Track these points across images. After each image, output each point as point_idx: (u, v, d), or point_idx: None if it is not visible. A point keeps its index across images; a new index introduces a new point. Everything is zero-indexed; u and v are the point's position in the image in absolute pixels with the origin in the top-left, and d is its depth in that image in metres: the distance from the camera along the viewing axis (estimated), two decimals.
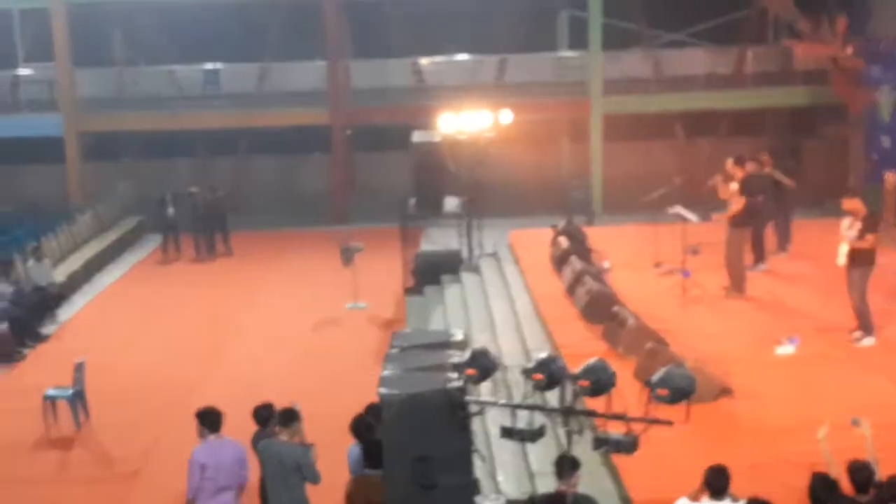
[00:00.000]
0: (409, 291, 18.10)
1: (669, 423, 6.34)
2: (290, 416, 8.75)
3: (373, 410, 8.40)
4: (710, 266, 14.93)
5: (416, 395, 7.02)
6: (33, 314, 17.72)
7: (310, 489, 8.72)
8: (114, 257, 23.41)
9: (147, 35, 28.06)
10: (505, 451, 9.93)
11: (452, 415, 6.98)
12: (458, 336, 8.25)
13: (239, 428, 9.41)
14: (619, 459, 8.44)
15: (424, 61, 28.01)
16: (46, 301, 18.59)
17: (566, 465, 7.15)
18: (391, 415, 7.05)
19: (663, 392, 6.29)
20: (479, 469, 8.05)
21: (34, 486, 11.86)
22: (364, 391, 8.42)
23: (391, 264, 19.08)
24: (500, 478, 9.65)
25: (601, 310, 12.93)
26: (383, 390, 7.09)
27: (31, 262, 19.05)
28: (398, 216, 18.86)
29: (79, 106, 25.91)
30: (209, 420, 8.86)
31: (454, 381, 6.99)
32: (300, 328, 17.58)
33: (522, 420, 6.77)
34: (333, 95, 26.04)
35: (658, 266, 15.57)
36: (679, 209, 14.83)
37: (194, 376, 15.21)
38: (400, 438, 7.08)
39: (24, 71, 26.71)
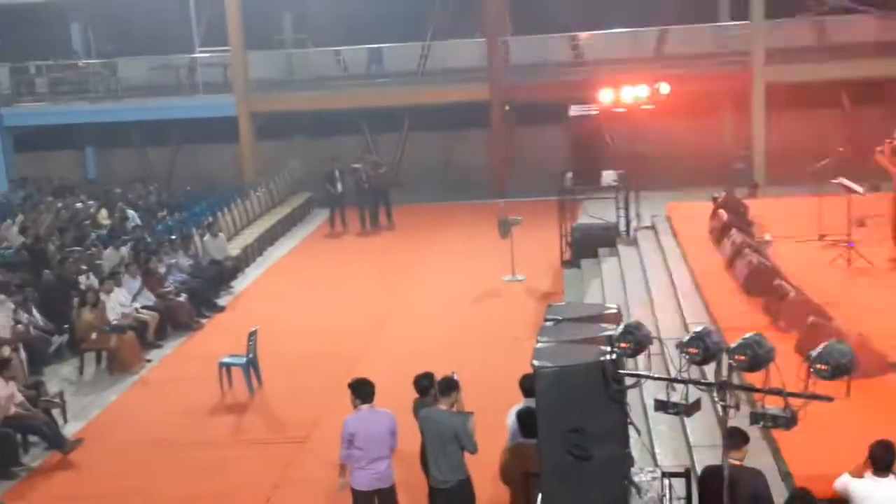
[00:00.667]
0: (566, 264, 18.21)
1: (830, 399, 6.25)
2: (449, 386, 8.99)
3: (527, 382, 8.57)
4: (876, 238, 14.49)
5: (569, 367, 7.09)
6: (210, 286, 18.63)
7: (467, 457, 8.98)
8: (284, 231, 24.32)
9: (314, 17, 28.86)
10: (663, 423, 9.96)
11: (606, 387, 7.03)
12: (613, 309, 8.28)
13: (401, 396, 9.78)
14: (779, 434, 8.35)
15: (583, 35, 27.87)
16: (222, 273, 19.52)
17: (735, 439, 7.20)
18: (544, 386, 7.17)
19: (823, 367, 6.20)
20: (635, 442, 8.10)
21: (211, 448, 12.56)
22: (520, 362, 8.61)
23: (548, 237, 19.21)
24: (657, 450, 9.71)
25: (762, 283, 12.73)
26: (537, 362, 7.21)
27: (207, 237, 20.01)
28: (556, 189, 18.97)
29: (251, 87, 26.90)
30: (361, 391, 9.13)
31: (607, 354, 7.06)
32: (459, 300, 17.91)
33: (678, 394, 6.81)
34: (493, 71, 26.24)
35: (822, 238, 15.19)
36: (844, 180, 14.42)
37: (360, 345, 15.76)
38: (554, 410, 7.11)
39: (200, 55, 27.86)
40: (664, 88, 18.22)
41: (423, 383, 9.53)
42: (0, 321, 14.73)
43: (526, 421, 8.34)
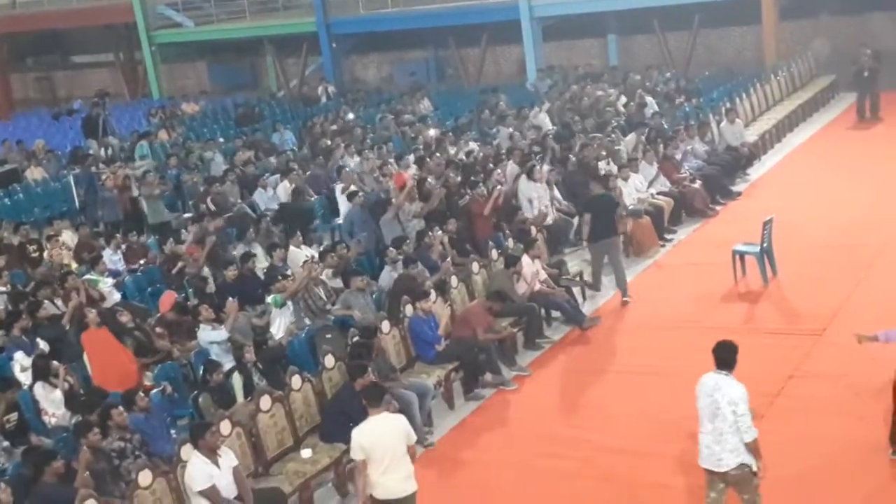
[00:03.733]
0: None
1: None
2: None
3: None
4: None
5: None
6: (725, 173, 18.44)
7: None
8: (805, 116, 23.30)
9: None
10: None
11: None
12: None
13: None
14: None
15: None
16: (738, 160, 19.22)
17: None
18: None
19: None
20: None
21: (723, 334, 12.35)
22: None
23: None
24: None
25: None
26: None
27: (724, 123, 19.74)
28: None
29: None
30: None
31: None
32: None
33: None
34: None
35: None
36: None
37: (883, 239, 14.83)
38: None
39: None
40: None
41: None
42: (541, 197, 15.74)
43: None
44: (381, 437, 8.16)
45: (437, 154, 18.62)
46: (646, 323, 13.15)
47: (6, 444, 10.04)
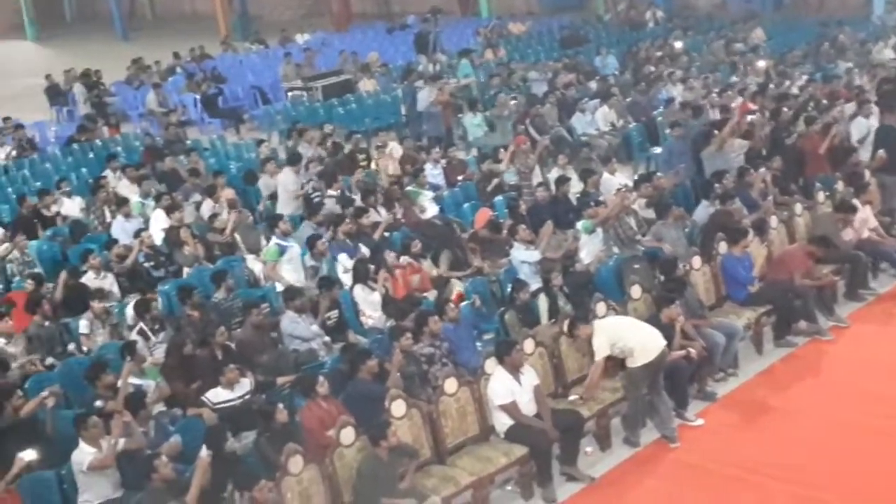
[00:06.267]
0: None
1: None
2: None
3: None
4: None
5: None
6: None
7: None
8: None
9: None
10: None
11: None
12: None
13: None
14: None
15: None
16: None
17: None
18: None
19: None
20: None
21: None
22: None
23: None
24: None
25: None
26: None
27: None
28: None
29: None
30: None
31: None
32: None
33: None
34: None
35: None
36: None
37: None
38: None
39: None
40: None
41: None
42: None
43: None
44: (618, 319, 9.72)
45: (773, 87, 17.77)
46: None
47: (327, 338, 10.74)
